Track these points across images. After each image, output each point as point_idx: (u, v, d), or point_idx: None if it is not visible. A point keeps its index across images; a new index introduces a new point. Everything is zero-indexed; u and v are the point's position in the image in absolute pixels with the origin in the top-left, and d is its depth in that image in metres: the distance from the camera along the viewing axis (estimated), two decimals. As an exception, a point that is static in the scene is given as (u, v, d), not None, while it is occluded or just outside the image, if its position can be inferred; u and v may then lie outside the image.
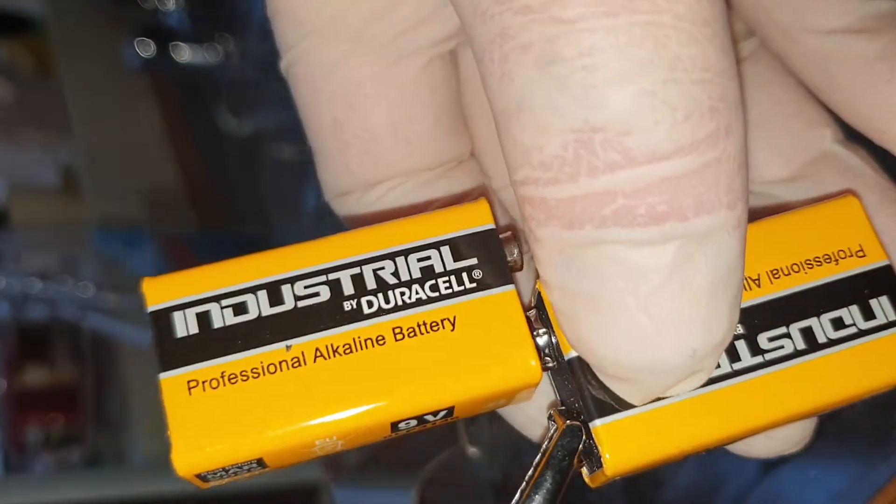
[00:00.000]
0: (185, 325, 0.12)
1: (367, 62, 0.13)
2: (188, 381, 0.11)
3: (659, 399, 0.11)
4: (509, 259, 0.12)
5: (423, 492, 0.18)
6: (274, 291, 0.12)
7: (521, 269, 0.12)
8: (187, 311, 0.12)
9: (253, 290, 0.12)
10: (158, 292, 0.12)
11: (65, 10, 0.73)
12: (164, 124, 0.68)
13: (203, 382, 0.11)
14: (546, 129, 0.09)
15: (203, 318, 0.12)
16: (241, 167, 0.58)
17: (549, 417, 0.12)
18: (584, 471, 0.12)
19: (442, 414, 0.12)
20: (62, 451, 0.56)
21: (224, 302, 0.12)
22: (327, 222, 0.25)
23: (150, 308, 0.12)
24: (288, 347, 0.11)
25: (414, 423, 0.12)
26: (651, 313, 0.10)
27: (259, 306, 0.12)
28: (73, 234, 0.52)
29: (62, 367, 0.55)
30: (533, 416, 0.13)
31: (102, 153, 0.64)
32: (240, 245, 0.47)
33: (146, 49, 0.51)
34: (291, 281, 0.12)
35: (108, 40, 0.66)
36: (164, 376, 0.11)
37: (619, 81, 0.09)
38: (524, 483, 0.12)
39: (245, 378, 0.11)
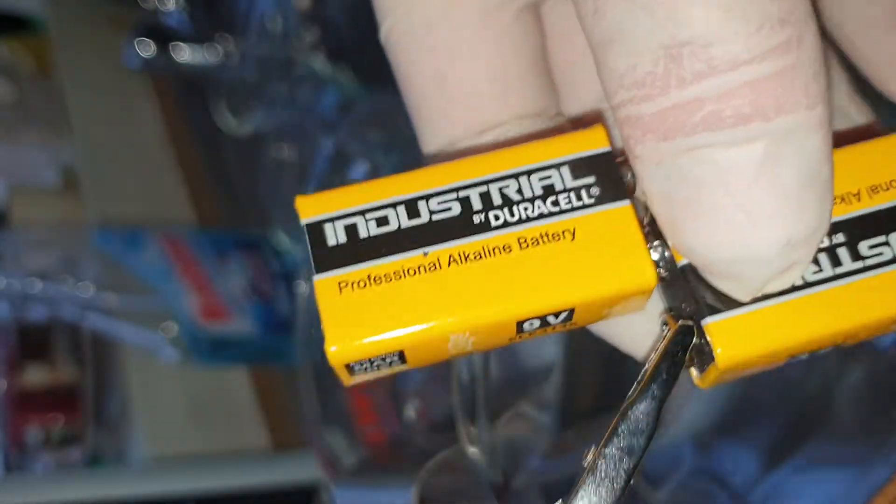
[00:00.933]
0: (335, 235, 0.13)
1: (464, 16, 0.14)
2: (339, 282, 0.13)
3: (765, 298, 0.13)
4: (624, 180, 0.13)
5: (422, 492, 0.18)
6: (411, 207, 0.13)
7: (633, 192, 0.13)
8: (336, 223, 0.13)
9: (393, 205, 0.13)
10: (310, 208, 0.13)
11: (65, 10, 0.73)
12: (164, 124, 0.68)
13: (352, 283, 0.13)
14: (637, 51, 0.11)
15: (351, 229, 0.13)
16: (241, 167, 0.58)
17: (663, 323, 0.13)
18: (694, 373, 0.13)
19: (563, 317, 0.13)
20: (62, 450, 0.56)
21: (368, 215, 0.13)
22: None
23: (305, 221, 0.13)
24: (425, 253, 0.13)
25: (537, 323, 0.13)
26: (745, 208, 0.11)
27: (399, 219, 0.13)
28: (73, 234, 0.52)
29: (62, 367, 0.55)
30: (641, 335, 0.14)
31: (102, 153, 0.64)
32: (240, 245, 0.47)
33: (146, 49, 0.51)
34: (426, 198, 0.13)
35: (108, 40, 0.66)
36: (318, 278, 0.13)
37: (699, 0, 0.11)
38: (640, 376, 0.13)
39: (388, 280, 0.13)
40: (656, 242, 0.13)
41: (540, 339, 0.19)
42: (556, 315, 0.13)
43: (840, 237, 0.13)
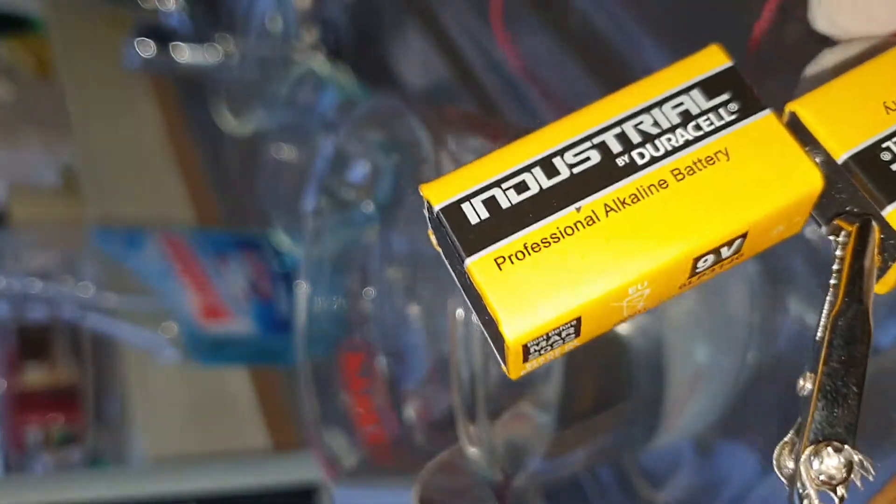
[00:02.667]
0: (475, 212, 0.12)
1: None
2: (495, 259, 0.12)
3: None
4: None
5: (422, 492, 0.18)
6: (547, 166, 0.12)
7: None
8: (473, 200, 0.12)
9: (527, 169, 0.12)
10: (440, 192, 0.12)
11: (65, 11, 0.73)
12: (164, 124, 0.68)
13: (509, 256, 0.12)
14: None
15: (491, 203, 0.12)
16: (241, 167, 0.58)
17: (834, 233, 0.13)
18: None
19: (736, 245, 0.12)
20: (62, 450, 0.56)
21: (504, 185, 0.12)
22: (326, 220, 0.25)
23: (438, 206, 0.12)
24: (578, 209, 0.12)
25: (711, 259, 0.12)
26: None
27: (538, 181, 0.12)
28: (72, 234, 0.52)
29: (62, 368, 0.55)
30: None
31: (102, 153, 0.64)
32: (240, 245, 0.47)
33: (146, 49, 0.51)
34: (560, 153, 0.12)
35: (108, 40, 0.66)
36: (471, 260, 0.12)
37: None
38: (831, 290, 0.12)
39: (546, 244, 0.12)
40: (806, 148, 0.13)
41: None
42: (730, 244, 0.12)
43: None
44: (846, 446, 0.12)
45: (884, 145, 0.12)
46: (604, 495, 0.29)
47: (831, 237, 0.13)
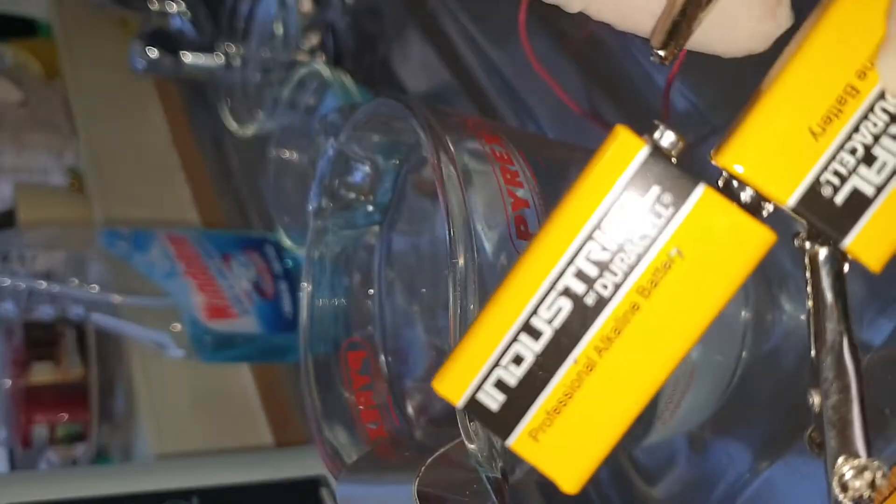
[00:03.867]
0: (493, 398, 0.13)
1: None
2: (529, 433, 0.13)
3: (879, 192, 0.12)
4: (685, 169, 0.13)
5: (422, 487, 0.18)
6: (529, 329, 0.13)
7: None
8: (485, 387, 0.13)
9: (514, 339, 0.13)
10: (454, 389, 0.13)
11: (71, 14, 0.74)
12: (169, 127, 0.69)
13: (538, 428, 0.13)
14: None
15: (501, 385, 0.13)
16: (245, 169, 0.58)
17: (800, 248, 0.13)
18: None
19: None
20: (68, 448, 0.57)
21: (503, 362, 0.13)
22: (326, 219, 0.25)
23: (460, 404, 0.13)
24: (575, 361, 0.13)
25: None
26: None
27: (529, 348, 0.13)
28: (79, 234, 0.53)
29: (68, 366, 0.56)
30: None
31: (108, 155, 0.65)
32: (244, 245, 0.48)
33: (151, 52, 0.52)
34: (534, 312, 0.13)
35: (114, 44, 0.66)
36: (511, 442, 0.13)
37: None
38: (810, 316, 0.13)
39: (564, 404, 0.13)
40: (752, 199, 0.13)
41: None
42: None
43: None
44: (865, 464, 0.13)
45: (822, 179, 0.12)
46: (600, 491, 0.30)
47: (798, 245, 0.13)
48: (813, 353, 0.14)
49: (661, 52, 0.13)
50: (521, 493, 0.32)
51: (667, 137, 0.12)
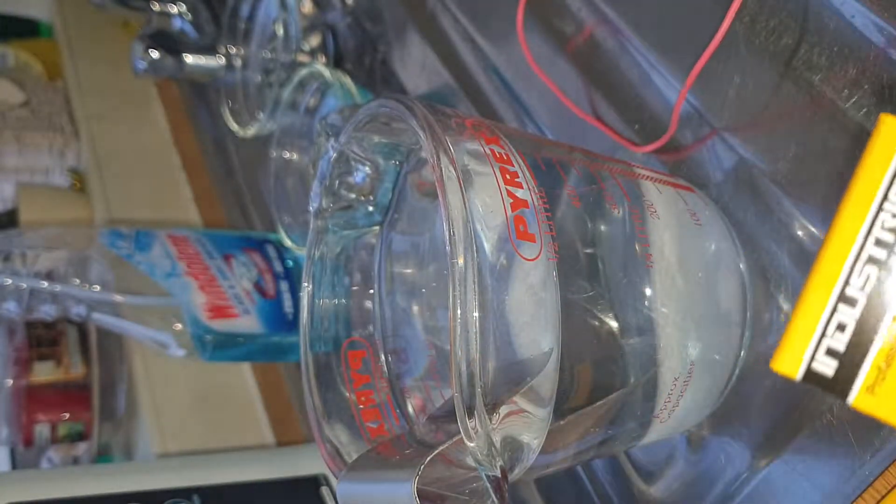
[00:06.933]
0: (826, 364, 0.15)
1: None
2: (866, 389, 0.14)
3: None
4: None
5: (422, 485, 0.18)
6: (846, 299, 0.15)
7: None
8: (818, 356, 0.15)
9: (833, 311, 0.15)
10: (791, 364, 0.15)
11: (73, 15, 0.74)
12: (171, 127, 0.69)
13: (875, 381, 0.14)
14: None
15: (832, 352, 0.15)
16: (246, 169, 0.58)
17: None
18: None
19: None
20: (70, 446, 0.57)
21: (828, 332, 0.15)
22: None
23: (799, 376, 0.15)
24: (894, 318, 0.14)
25: None
26: None
27: (850, 316, 0.15)
28: (81, 234, 0.53)
29: (70, 365, 0.56)
30: None
31: (110, 155, 0.65)
32: (245, 244, 0.48)
33: (153, 53, 0.52)
34: (846, 283, 0.15)
35: (116, 45, 0.66)
36: (851, 399, 0.15)
37: None
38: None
39: (892, 356, 0.14)
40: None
41: (537, 334, 0.20)
42: None
43: None
44: None
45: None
46: (598, 489, 0.30)
47: None
48: None
49: None
50: (520, 492, 0.32)
51: None
